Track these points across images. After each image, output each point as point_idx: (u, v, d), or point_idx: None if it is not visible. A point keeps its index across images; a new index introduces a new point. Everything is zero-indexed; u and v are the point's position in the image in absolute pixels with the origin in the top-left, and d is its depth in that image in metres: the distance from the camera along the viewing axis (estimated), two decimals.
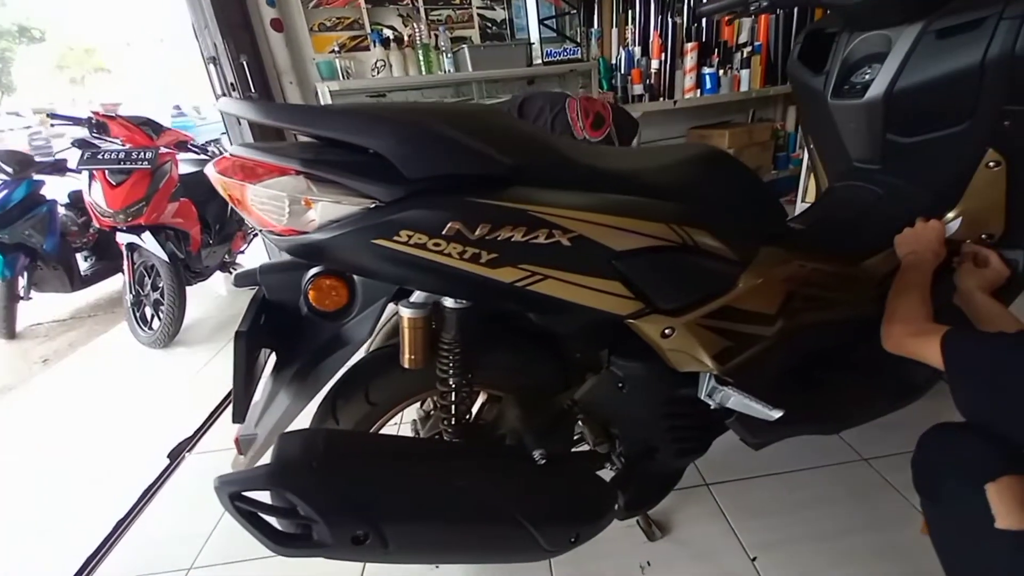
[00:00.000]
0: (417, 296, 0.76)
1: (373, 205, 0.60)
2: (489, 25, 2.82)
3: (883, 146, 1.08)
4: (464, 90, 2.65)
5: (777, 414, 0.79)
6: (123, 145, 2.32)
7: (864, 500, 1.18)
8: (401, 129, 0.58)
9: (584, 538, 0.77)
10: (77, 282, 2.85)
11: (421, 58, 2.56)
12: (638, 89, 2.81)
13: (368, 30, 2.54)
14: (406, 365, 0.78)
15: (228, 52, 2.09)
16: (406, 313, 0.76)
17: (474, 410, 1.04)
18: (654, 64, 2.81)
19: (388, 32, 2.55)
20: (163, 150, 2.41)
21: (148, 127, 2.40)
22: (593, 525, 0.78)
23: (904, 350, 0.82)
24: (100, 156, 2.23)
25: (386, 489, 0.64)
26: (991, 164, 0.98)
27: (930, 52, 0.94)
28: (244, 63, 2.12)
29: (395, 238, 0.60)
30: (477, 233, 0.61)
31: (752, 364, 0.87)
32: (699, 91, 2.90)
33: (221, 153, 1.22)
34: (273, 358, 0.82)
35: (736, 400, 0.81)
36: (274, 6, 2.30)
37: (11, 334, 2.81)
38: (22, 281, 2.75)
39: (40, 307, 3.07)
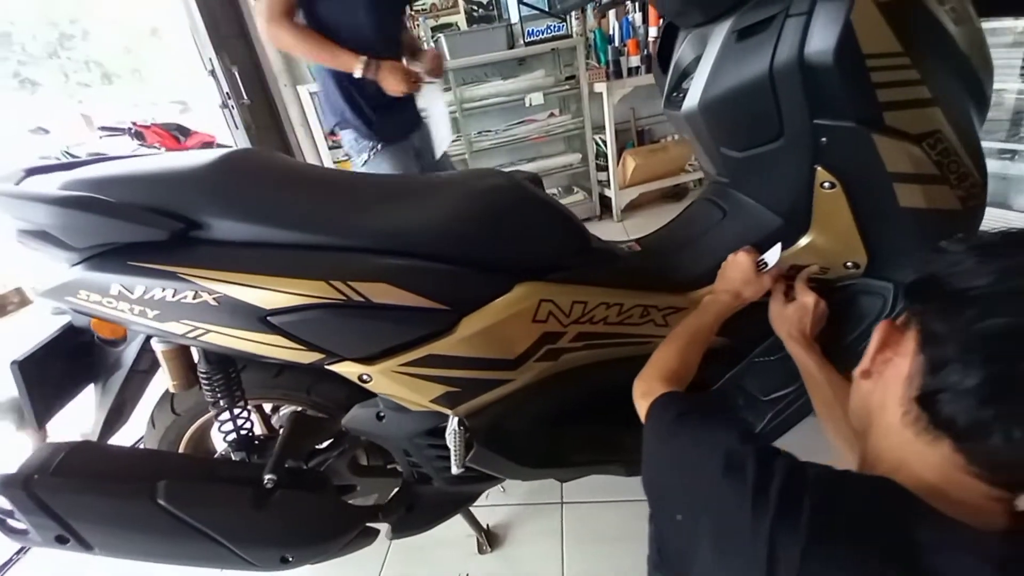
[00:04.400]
0: None
1: (68, 267, 0.71)
2: (475, 8, 2.74)
3: (721, 160, 0.93)
4: (448, 78, 2.63)
5: (457, 470, 0.78)
6: (158, 149, 2.73)
7: None
8: (49, 210, 0.67)
9: (302, 559, 0.84)
10: None
11: None
12: (634, 61, 2.58)
13: None
14: (171, 390, 0.90)
15: (222, 64, 2.31)
16: (157, 347, 0.86)
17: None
18: (652, 32, 2.55)
19: None
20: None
21: (177, 131, 2.77)
22: (312, 549, 0.85)
23: (638, 410, 0.69)
24: None
25: (89, 500, 0.74)
26: (825, 185, 0.81)
27: (731, 56, 0.79)
28: (235, 73, 2.32)
29: (77, 296, 0.71)
30: (136, 293, 0.70)
31: (501, 406, 0.86)
32: None
33: None
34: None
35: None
36: None
37: None
38: None
39: None
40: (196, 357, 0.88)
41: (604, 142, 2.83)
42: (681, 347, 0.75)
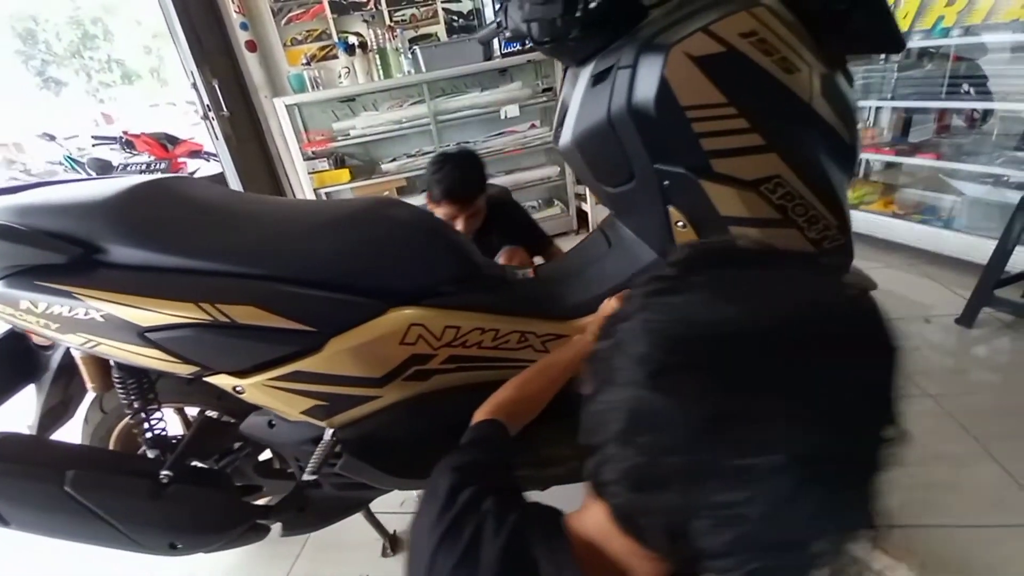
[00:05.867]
0: None
1: None
2: (455, 18, 2.80)
3: (602, 194, 0.99)
4: (429, 89, 2.71)
5: (308, 477, 0.85)
6: (148, 157, 2.87)
7: None
8: None
9: (190, 548, 0.92)
10: None
11: (379, 62, 2.68)
12: None
13: (335, 39, 2.72)
14: (91, 392, 0.99)
15: (203, 78, 2.42)
16: (74, 353, 0.95)
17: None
18: None
19: (353, 39, 2.70)
20: (180, 160, 2.92)
21: (166, 140, 2.91)
22: (200, 539, 0.93)
23: None
24: (128, 167, 2.78)
25: (9, 483, 0.83)
26: (679, 224, 0.86)
27: (588, 99, 0.85)
28: (215, 86, 2.44)
29: None
30: (40, 309, 0.78)
31: (372, 420, 0.92)
32: None
33: None
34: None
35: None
36: (247, 29, 2.58)
37: None
38: None
39: None
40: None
41: None
42: (526, 380, 0.78)
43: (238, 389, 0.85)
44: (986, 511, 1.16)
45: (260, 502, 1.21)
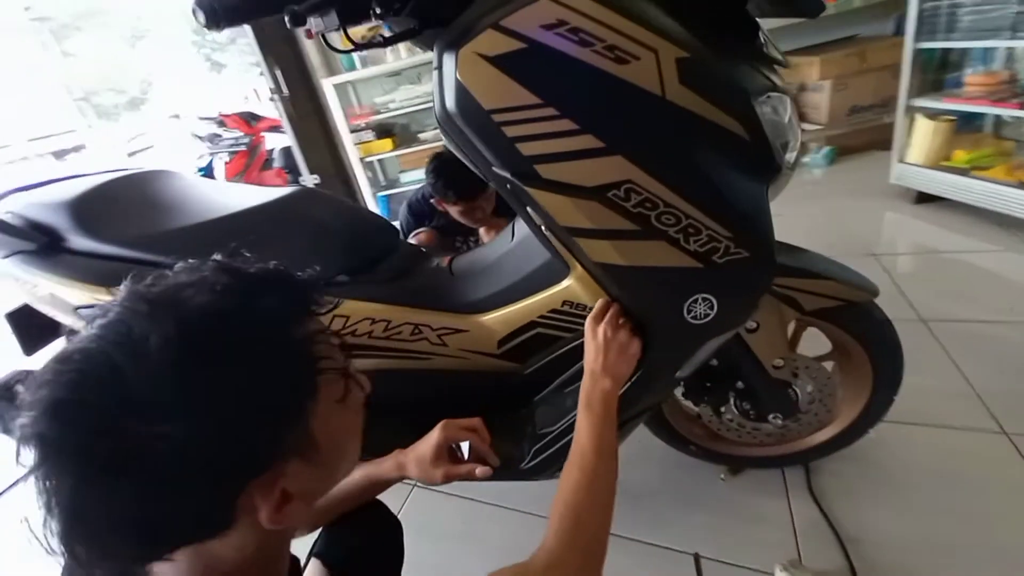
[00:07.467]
0: None
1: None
2: None
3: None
4: None
5: None
6: (237, 132, 3.30)
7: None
8: None
9: None
10: None
11: None
12: None
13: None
14: None
15: (268, 64, 2.69)
16: None
17: None
18: None
19: None
20: (262, 134, 3.31)
21: (250, 118, 3.31)
22: None
23: None
24: (218, 143, 3.24)
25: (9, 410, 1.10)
26: (544, 229, 0.79)
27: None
28: (277, 72, 2.69)
29: (7, 281, 1.03)
30: (23, 286, 1.00)
31: None
32: None
33: None
34: None
35: None
36: None
37: None
38: None
39: None
40: None
41: None
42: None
43: None
44: None
45: None
